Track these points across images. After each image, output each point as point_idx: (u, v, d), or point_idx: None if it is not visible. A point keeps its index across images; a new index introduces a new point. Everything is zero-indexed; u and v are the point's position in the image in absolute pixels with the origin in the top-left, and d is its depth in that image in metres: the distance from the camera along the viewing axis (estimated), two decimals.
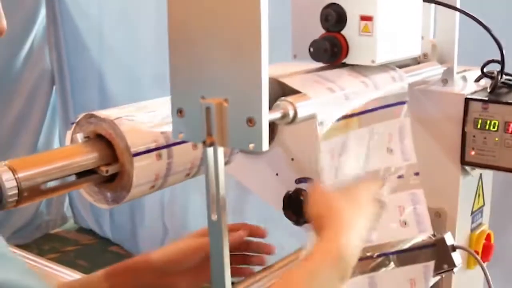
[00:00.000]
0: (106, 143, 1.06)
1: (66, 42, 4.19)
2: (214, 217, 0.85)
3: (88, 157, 1.03)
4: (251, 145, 0.81)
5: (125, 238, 4.19)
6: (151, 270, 1.14)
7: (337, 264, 0.90)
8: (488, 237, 1.45)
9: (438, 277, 1.24)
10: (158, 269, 1.14)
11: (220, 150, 0.84)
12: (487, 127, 1.26)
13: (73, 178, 1.04)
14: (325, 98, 0.99)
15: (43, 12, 4.13)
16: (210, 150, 0.84)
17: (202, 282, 1.16)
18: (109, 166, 1.03)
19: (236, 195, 3.49)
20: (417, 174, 1.16)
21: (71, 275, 2.05)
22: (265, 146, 0.81)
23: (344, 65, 1.10)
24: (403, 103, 1.17)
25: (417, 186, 1.15)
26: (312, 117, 0.95)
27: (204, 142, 0.84)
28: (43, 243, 4.35)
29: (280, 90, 0.99)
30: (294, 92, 0.96)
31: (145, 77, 3.71)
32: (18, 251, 2.20)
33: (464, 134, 1.29)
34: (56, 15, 4.13)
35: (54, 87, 4.31)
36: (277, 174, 1.43)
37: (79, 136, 1.11)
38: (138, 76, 3.77)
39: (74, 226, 4.61)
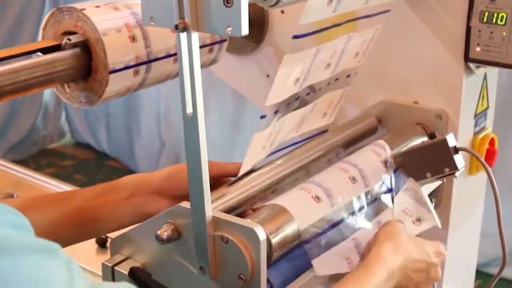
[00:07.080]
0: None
1: None
2: (189, 110, 0.77)
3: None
4: (229, 29, 0.72)
5: (122, 152, 4.16)
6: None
7: (389, 279, 0.91)
8: (491, 142, 1.37)
9: (439, 182, 1.17)
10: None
11: (195, 36, 0.75)
12: (494, 20, 1.17)
13: None
14: None
15: None
16: (183, 36, 0.75)
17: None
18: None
19: (233, 107, 3.42)
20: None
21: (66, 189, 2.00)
22: (245, 29, 0.72)
23: None
24: (386, 11, 1.10)
25: None
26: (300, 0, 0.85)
27: (176, 27, 0.74)
28: (41, 158, 4.32)
29: None
30: None
31: None
32: (13, 166, 2.15)
33: (468, 29, 1.19)
34: None
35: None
36: (268, 76, 1.35)
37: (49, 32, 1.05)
38: None
39: (71, 141, 4.57)
